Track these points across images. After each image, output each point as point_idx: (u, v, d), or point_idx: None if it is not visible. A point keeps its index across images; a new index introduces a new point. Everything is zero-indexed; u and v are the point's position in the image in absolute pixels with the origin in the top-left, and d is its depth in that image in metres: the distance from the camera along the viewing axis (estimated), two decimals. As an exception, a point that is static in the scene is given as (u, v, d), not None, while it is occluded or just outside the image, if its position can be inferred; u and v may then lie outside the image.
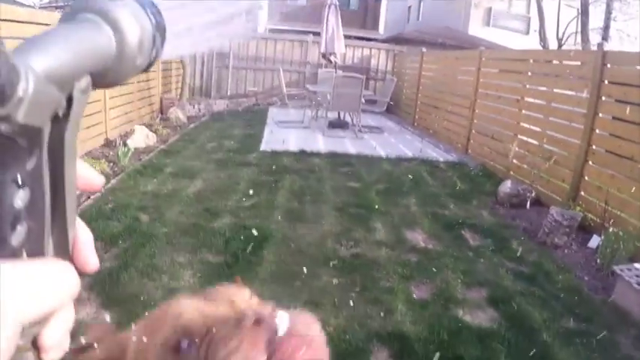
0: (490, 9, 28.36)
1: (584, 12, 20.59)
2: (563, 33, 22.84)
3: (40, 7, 14.59)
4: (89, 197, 5.78)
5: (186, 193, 6.27)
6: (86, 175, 0.48)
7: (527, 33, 27.95)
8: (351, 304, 3.91)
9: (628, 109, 5.84)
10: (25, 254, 0.40)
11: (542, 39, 21.50)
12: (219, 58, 16.73)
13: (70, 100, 0.41)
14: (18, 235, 0.39)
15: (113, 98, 8.94)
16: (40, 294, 0.37)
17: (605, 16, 21.67)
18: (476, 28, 27.60)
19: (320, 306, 3.80)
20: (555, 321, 3.95)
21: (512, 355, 3.40)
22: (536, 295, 4.34)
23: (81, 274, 0.43)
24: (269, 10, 37.92)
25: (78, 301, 2.29)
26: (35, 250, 0.41)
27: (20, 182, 0.39)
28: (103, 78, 0.43)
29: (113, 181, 6.51)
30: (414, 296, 4.15)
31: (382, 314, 3.79)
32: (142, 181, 6.55)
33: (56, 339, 0.40)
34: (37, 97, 0.37)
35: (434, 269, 4.65)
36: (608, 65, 6.28)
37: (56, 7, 15.49)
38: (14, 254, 0.39)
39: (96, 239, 1.80)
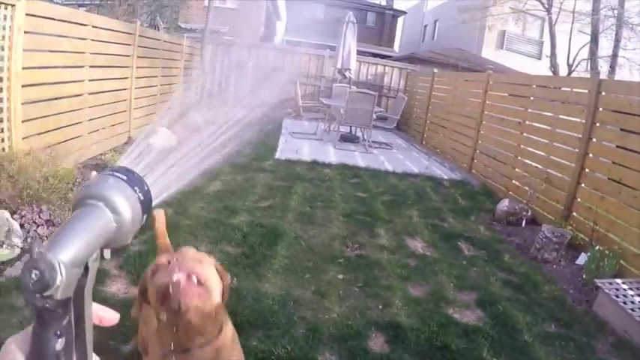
0: (504, 32, 28.54)
1: (593, 40, 20.94)
2: (574, 59, 23.00)
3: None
4: None
5: (207, 192, 6.76)
6: (105, 314, 0.68)
7: (540, 58, 28.11)
8: (354, 296, 4.38)
9: (619, 135, 6.33)
10: None
11: (553, 64, 21.73)
12: (237, 66, 17.26)
13: (86, 267, 0.58)
14: None
15: (138, 99, 9.48)
16: None
17: (614, 45, 21.98)
18: (489, 51, 27.83)
19: (326, 296, 4.27)
20: (537, 324, 4.35)
21: (495, 349, 3.82)
22: (521, 301, 4.75)
23: None
24: (287, 22, 38.32)
25: (111, 278, 2.83)
26: None
27: (59, 333, 0.57)
28: (107, 246, 0.60)
29: None
30: (410, 294, 4.60)
31: (381, 307, 4.25)
32: (165, 179, 7.02)
33: None
34: (68, 279, 0.54)
35: (430, 273, 5.11)
36: (603, 93, 6.73)
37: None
38: None
39: None
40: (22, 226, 4.63)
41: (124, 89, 8.93)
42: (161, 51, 10.98)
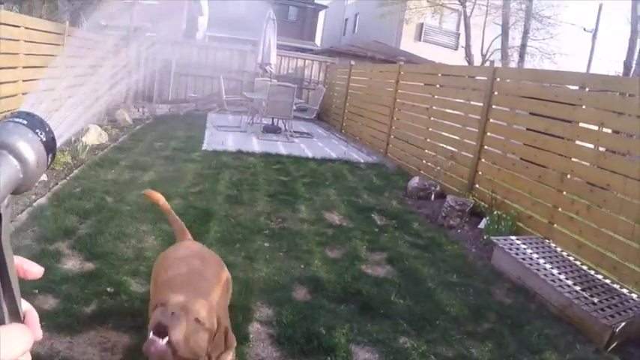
0: (422, 25, 29.51)
1: (504, 31, 22.22)
2: (488, 49, 24.15)
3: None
4: (57, 183, 6.67)
5: (141, 182, 7.16)
6: (29, 267, 0.67)
7: (457, 48, 29.23)
8: (279, 259, 4.96)
9: (512, 115, 7.24)
10: None
11: (468, 54, 22.84)
12: (162, 64, 17.50)
13: None
14: None
15: (71, 98, 9.76)
16: (8, 346, 0.56)
17: (523, 35, 23.36)
18: (408, 43, 28.72)
19: (255, 260, 4.83)
20: (440, 275, 5.05)
21: (401, 294, 4.47)
22: (427, 259, 5.45)
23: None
24: (209, 17, 38.14)
25: (65, 257, 3.36)
26: (0, 320, 0.60)
27: None
28: (16, 191, 0.60)
29: (76, 171, 7.39)
30: (328, 256, 5.23)
31: (302, 266, 4.86)
32: (101, 172, 7.41)
33: None
34: None
35: (345, 239, 5.76)
36: (498, 79, 7.54)
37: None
38: None
39: (71, 213, 3.27)
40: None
41: (52, 89, 9.17)
42: (86, 49, 11.19)
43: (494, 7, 23.42)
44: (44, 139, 0.63)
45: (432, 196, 7.93)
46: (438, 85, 9.68)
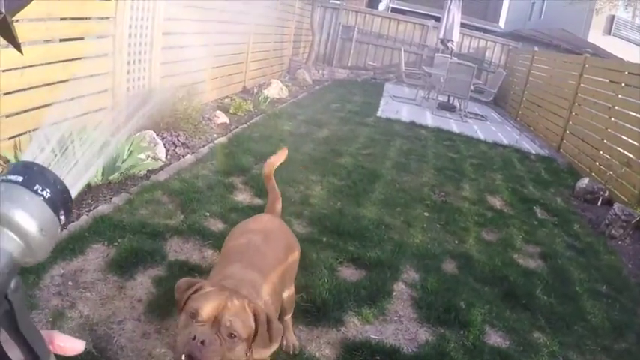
0: (613, 17, 27.67)
1: None
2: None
3: None
4: (237, 127, 7.39)
5: (315, 136, 7.75)
6: (67, 344, 0.63)
7: (650, 49, 27.28)
8: (435, 230, 5.22)
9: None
10: None
11: (660, 57, 21.33)
12: (344, 30, 18.13)
13: (9, 301, 0.50)
14: None
15: (254, 53, 10.55)
16: None
17: None
18: (596, 35, 27.04)
19: (412, 226, 5.14)
20: (590, 282, 5.00)
21: (547, 290, 4.55)
22: (580, 262, 5.42)
23: None
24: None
25: (238, 190, 3.90)
26: None
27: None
28: (24, 265, 0.51)
29: (256, 119, 8.24)
30: (483, 237, 5.41)
31: (456, 242, 5.09)
32: (279, 123, 8.10)
33: None
34: None
35: (503, 225, 5.88)
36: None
37: None
38: None
39: (248, 154, 3.90)
40: (163, 146, 5.77)
41: (243, 43, 9.94)
42: (275, 11, 11.94)
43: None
44: (48, 195, 0.53)
45: (599, 202, 7.74)
46: (623, 84, 9.20)
